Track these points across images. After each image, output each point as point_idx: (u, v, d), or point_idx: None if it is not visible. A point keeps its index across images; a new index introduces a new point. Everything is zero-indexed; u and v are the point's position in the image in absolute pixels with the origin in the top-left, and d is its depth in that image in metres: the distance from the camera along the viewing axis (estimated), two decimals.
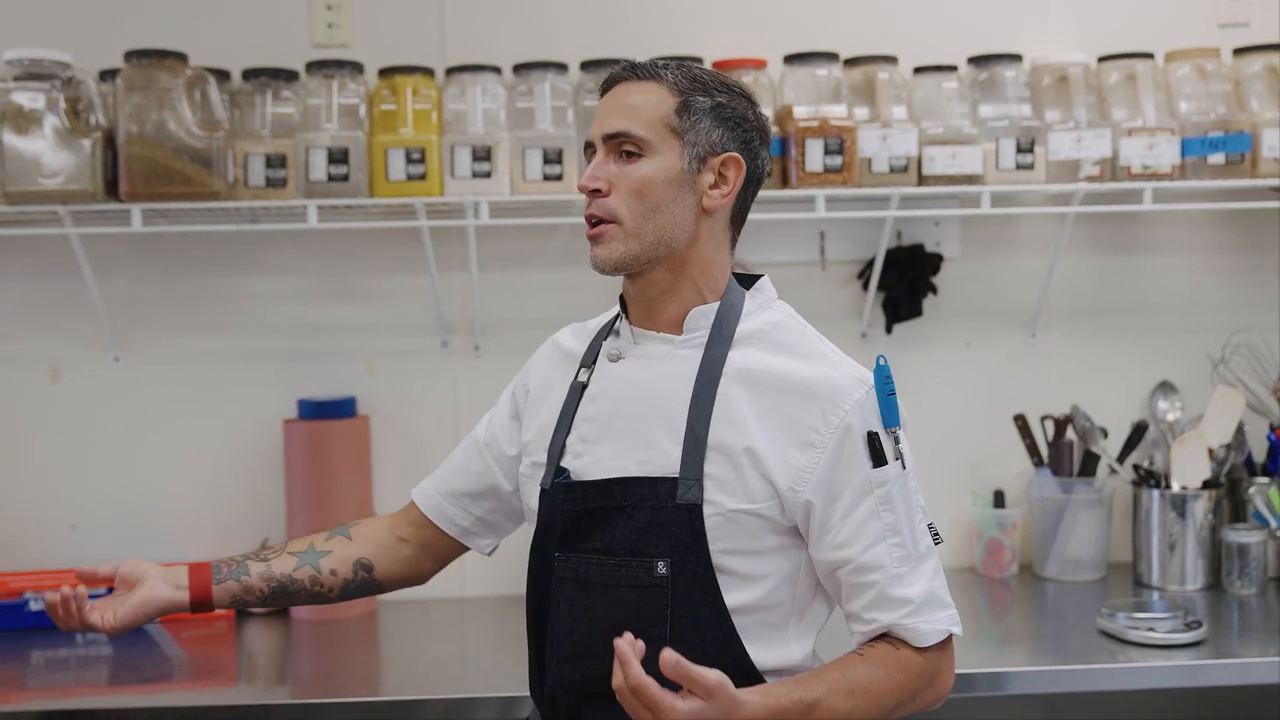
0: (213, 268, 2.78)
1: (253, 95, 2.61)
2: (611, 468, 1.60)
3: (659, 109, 1.58)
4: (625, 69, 1.63)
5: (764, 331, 1.63)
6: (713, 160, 1.60)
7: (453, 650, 2.58)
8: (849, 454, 1.55)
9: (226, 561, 1.81)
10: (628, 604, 1.53)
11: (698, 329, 1.63)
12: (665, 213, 1.59)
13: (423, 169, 2.55)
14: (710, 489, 1.55)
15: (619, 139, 1.59)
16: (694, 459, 1.55)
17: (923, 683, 1.57)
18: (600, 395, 1.66)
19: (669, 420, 1.58)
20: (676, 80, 1.60)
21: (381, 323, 2.82)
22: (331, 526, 1.95)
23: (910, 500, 1.58)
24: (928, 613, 1.56)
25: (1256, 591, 2.68)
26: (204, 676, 2.49)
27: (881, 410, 1.57)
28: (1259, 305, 2.93)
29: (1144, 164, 2.66)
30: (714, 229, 1.63)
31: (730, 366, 1.60)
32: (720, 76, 1.64)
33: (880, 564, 1.55)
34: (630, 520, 1.57)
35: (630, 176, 1.58)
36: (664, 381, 1.61)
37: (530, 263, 2.82)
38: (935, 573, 1.59)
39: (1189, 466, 2.73)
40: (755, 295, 1.68)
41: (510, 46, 2.74)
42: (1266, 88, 2.73)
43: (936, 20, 2.85)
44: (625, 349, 1.66)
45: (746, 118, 1.63)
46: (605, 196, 1.60)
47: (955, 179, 2.64)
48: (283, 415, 2.75)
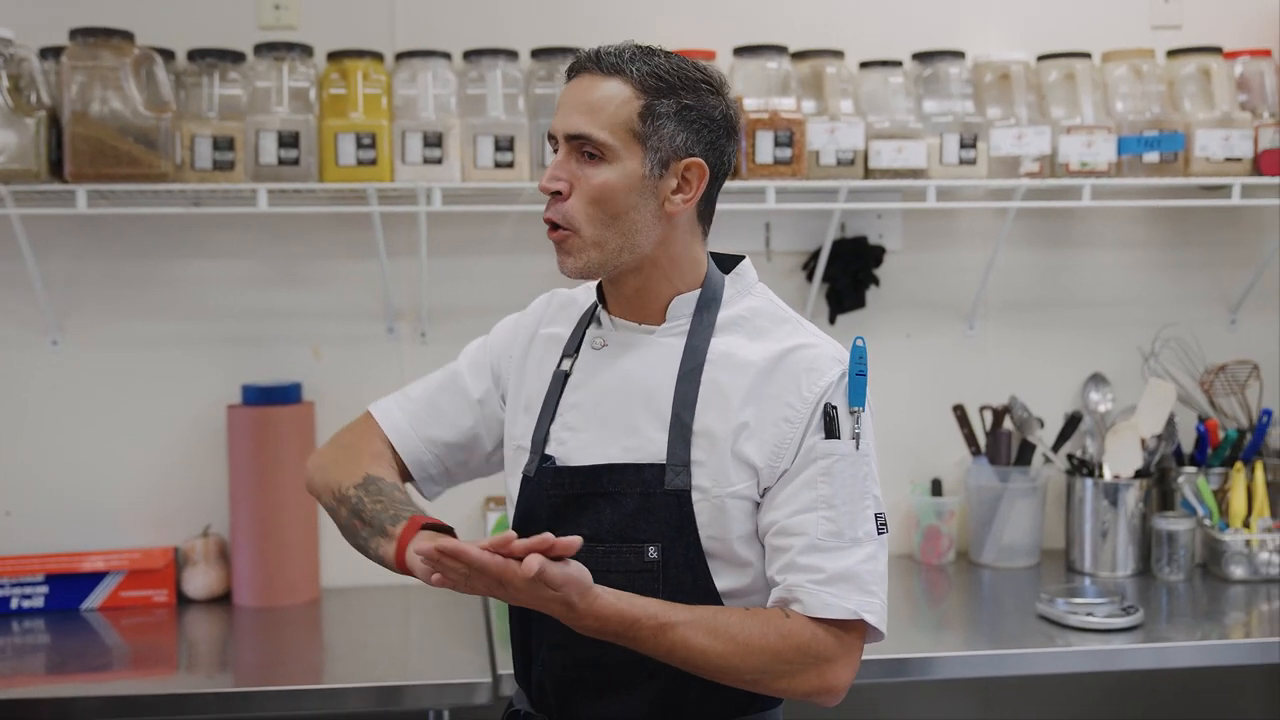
0: (156, 250, 2.74)
1: (199, 76, 2.57)
2: (597, 455, 1.60)
3: (622, 111, 1.54)
4: (589, 59, 1.57)
5: (745, 318, 1.63)
6: (675, 165, 1.56)
7: (396, 637, 2.58)
8: (816, 426, 1.55)
9: None
10: (618, 589, 1.49)
11: (679, 317, 1.62)
12: (626, 220, 1.56)
13: (373, 154, 2.53)
14: (697, 475, 1.55)
15: (580, 140, 1.55)
16: (680, 445, 1.55)
17: (803, 660, 1.50)
18: (584, 384, 1.65)
19: (654, 407, 1.58)
20: (642, 79, 1.54)
21: (327, 308, 2.80)
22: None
23: (858, 482, 1.55)
24: (838, 587, 1.51)
25: (1184, 577, 2.76)
26: (144, 665, 2.47)
27: (849, 388, 1.56)
28: (1188, 300, 3.02)
29: (1082, 161, 2.73)
30: (680, 228, 1.61)
31: (713, 353, 1.59)
32: (687, 70, 1.57)
33: (803, 530, 1.53)
34: (618, 507, 1.57)
35: (590, 182, 1.55)
36: (648, 369, 1.61)
37: (479, 250, 2.82)
38: (869, 559, 1.54)
39: (1122, 456, 2.80)
40: (735, 281, 1.67)
41: (460, 32, 2.74)
42: (1199, 89, 2.80)
43: (881, 16, 2.89)
44: (608, 337, 1.66)
45: (712, 117, 1.58)
46: (565, 199, 1.57)
47: (901, 173, 2.68)
48: (226, 401, 2.72)
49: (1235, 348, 2.99)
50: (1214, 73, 2.79)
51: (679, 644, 1.46)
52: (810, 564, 1.52)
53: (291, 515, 2.68)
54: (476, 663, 2.32)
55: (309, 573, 2.72)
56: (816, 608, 1.51)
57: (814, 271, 2.83)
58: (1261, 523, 2.74)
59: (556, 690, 1.63)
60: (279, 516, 2.67)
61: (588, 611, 1.42)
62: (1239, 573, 2.73)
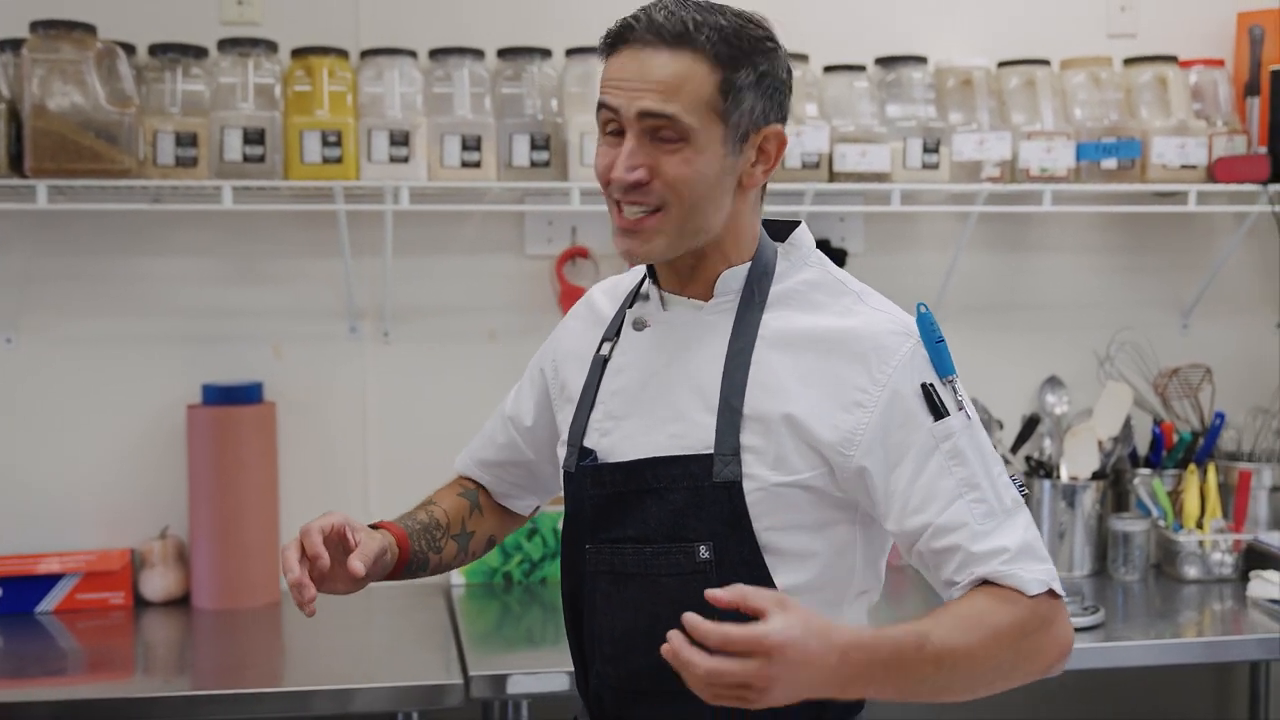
0: (116, 247, 2.69)
1: (161, 71, 2.54)
2: (642, 445, 1.48)
3: (701, 89, 1.39)
4: (649, 29, 1.40)
5: (799, 292, 1.49)
6: (754, 137, 1.44)
7: (358, 640, 2.56)
8: (903, 411, 1.41)
9: (415, 554, 1.64)
10: (669, 594, 1.40)
11: (728, 292, 1.49)
12: (708, 202, 1.44)
13: (339, 152, 2.52)
14: (750, 462, 1.43)
15: (654, 120, 1.40)
16: (729, 432, 1.43)
17: (1037, 623, 1.38)
18: (626, 367, 1.54)
19: (701, 390, 1.47)
20: (715, 50, 1.39)
21: (289, 307, 2.77)
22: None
23: (983, 451, 1.42)
24: (1025, 562, 1.39)
25: (1139, 577, 2.81)
26: (101, 669, 2.44)
27: (932, 360, 1.43)
28: (1143, 305, 3.07)
29: (1042, 167, 2.76)
30: (750, 200, 1.49)
31: (765, 330, 1.46)
32: (749, 30, 1.43)
33: (962, 522, 1.39)
34: (665, 503, 1.45)
35: (673, 169, 1.41)
36: (694, 349, 1.49)
37: (443, 249, 2.81)
38: (1028, 526, 1.43)
39: (1079, 458, 2.84)
40: (789, 252, 1.53)
41: (425, 31, 2.72)
42: (1155, 97, 2.85)
43: (845, 20, 2.91)
44: (652, 315, 1.54)
45: (783, 79, 1.45)
46: (649, 183, 1.42)
47: (865, 176, 2.70)
48: (186, 400, 2.69)
49: (1187, 351, 3.04)
50: (1170, 81, 2.84)
51: (944, 651, 1.30)
52: (989, 549, 1.39)
53: (251, 517, 2.65)
54: (443, 664, 2.31)
55: (269, 575, 2.69)
56: (1020, 585, 1.39)
57: None
58: (1214, 524, 2.79)
59: (615, 701, 1.54)
60: (239, 518, 2.64)
61: (848, 643, 1.24)
62: (1192, 573, 2.78)
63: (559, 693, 2.21)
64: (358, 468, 2.79)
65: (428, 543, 1.67)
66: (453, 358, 2.82)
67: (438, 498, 1.75)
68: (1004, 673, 1.38)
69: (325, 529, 1.49)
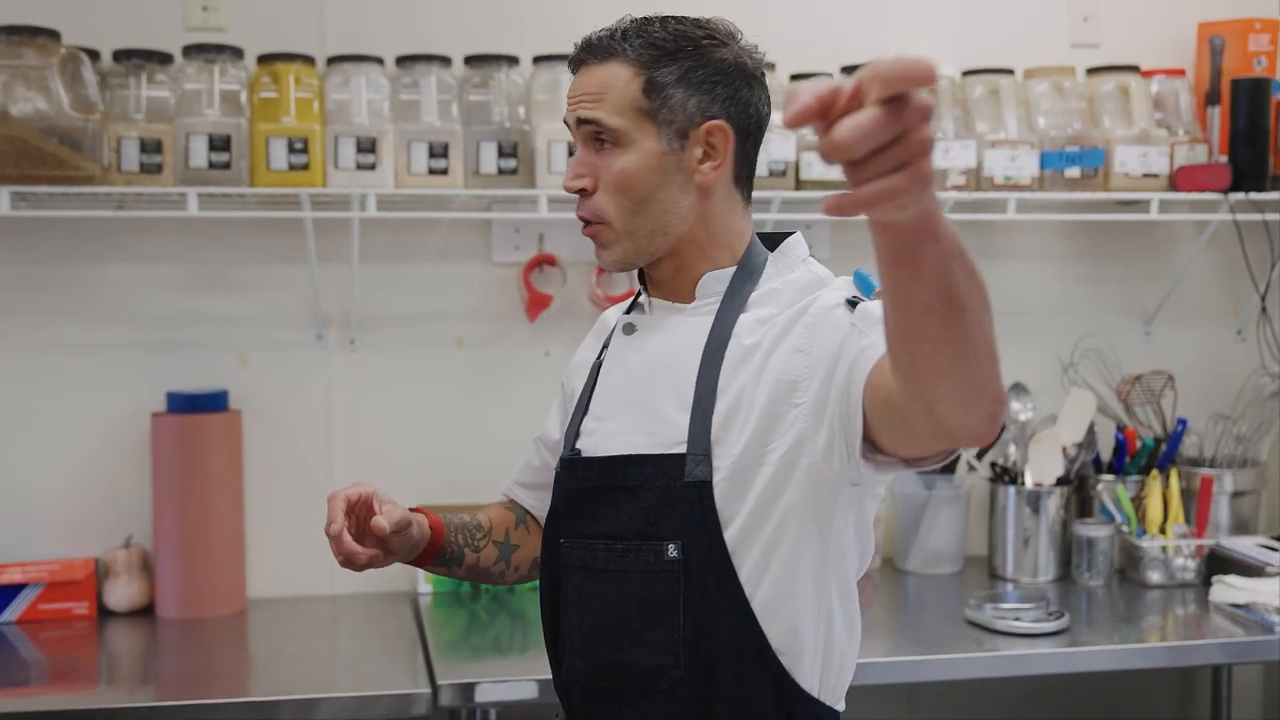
0: (79, 254, 2.67)
1: (125, 77, 2.52)
2: (621, 443, 1.52)
3: (625, 93, 1.47)
4: (582, 50, 1.51)
5: (778, 290, 1.52)
6: (696, 132, 1.48)
7: (325, 649, 2.55)
8: (832, 335, 1.40)
9: (450, 543, 1.66)
10: (637, 591, 1.43)
11: (710, 294, 1.53)
12: (654, 203, 1.49)
13: (305, 159, 2.51)
14: (719, 455, 1.45)
15: (592, 127, 1.49)
16: (701, 431, 1.46)
17: None
18: (613, 370, 1.59)
19: (677, 389, 1.50)
20: (638, 55, 1.47)
21: (255, 315, 2.75)
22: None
23: None
24: None
25: (1103, 583, 2.83)
26: (64, 679, 2.41)
27: (860, 286, 1.46)
28: (1106, 312, 3.09)
29: (1006, 175, 2.79)
30: (716, 198, 1.52)
31: (740, 327, 1.50)
32: (686, 30, 1.50)
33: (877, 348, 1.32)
34: (637, 501, 1.48)
35: (610, 170, 1.49)
36: (673, 348, 1.53)
37: (409, 257, 2.80)
38: None
39: (1043, 464, 2.86)
40: (779, 258, 1.56)
41: (391, 38, 2.71)
42: (1117, 106, 2.88)
43: (812, 29, 2.92)
44: (640, 320, 1.59)
45: (724, 70, 1.49)
46: (592, 194, 1.50)
47: (831, 184, 2.72)
48: (151, 408, 2.67)
49: (1150, 358, 3.08)
50: (1132, 91, 2.87)
51: (972, 268, 1.12)
52: None
53: (217, 525, 2.64)
54: (410, 673, 2.30)
55: (235, 584, 2.68)
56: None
57: None
58: (1177, 529, 2.82)
59: (582, 697, 1.56)
60: (204, 526, 2.62)
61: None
62: (1155, 578, 2.80)
63: (527, 700, 2.21)
64: (323, 476, 2.77)
65: (465, 538, 1.68)
66: (420, 365, 2.81)
67: (484, 508, 1.77)
68: (985, 326, 1.16)
69: (352, 498, 1.52)
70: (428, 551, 1.63)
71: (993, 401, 1.20)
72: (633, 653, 1.46)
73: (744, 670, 1.47)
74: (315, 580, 2.78)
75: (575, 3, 2.80)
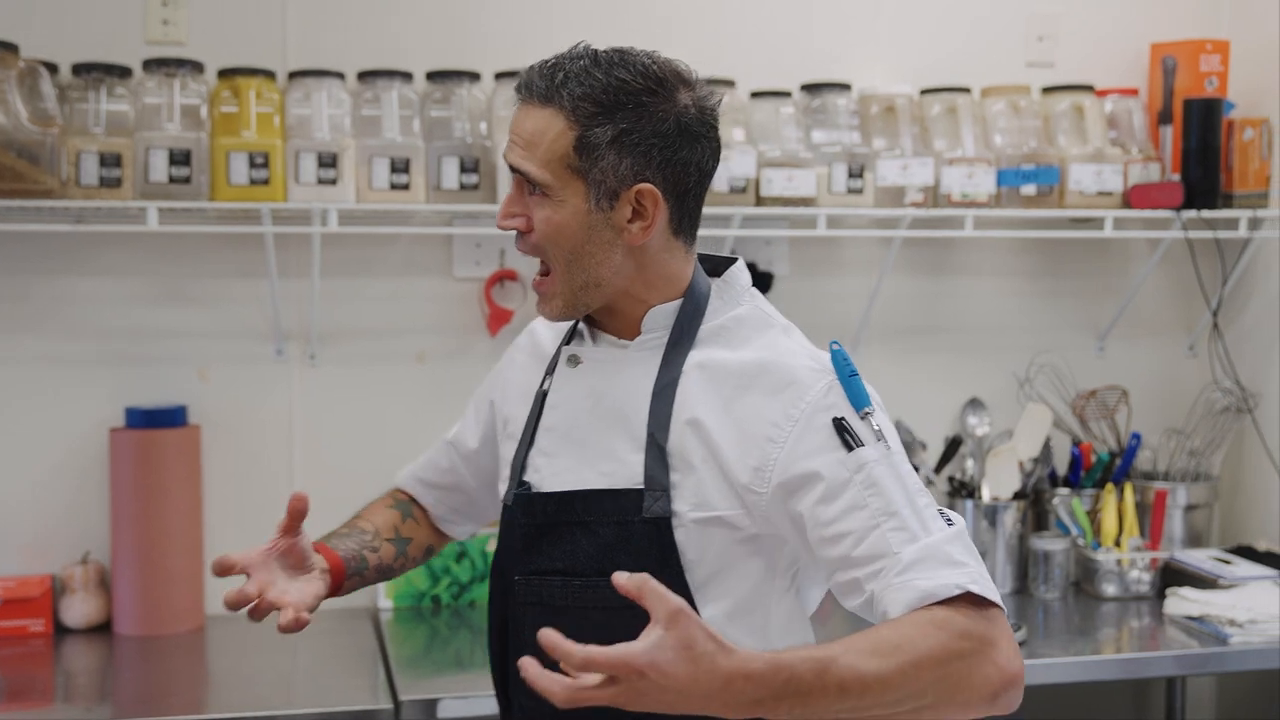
0: (37, 267, 2.65)
1: (84, 91, 2.50)
2: (573, 480, 1.50)
3: (556, 146, 1.43)
4: (523, 87, 1.46)
5: (727, 328, 1.50)
6: (626, 194, 1.44)
7: (284, 665, 2.53)
8: (814, 444, 1.39)
9: (352, 555, 1.65)
10: (596, 629, 1.31)
11: (656, 329, 1.51)
12: (585, 256, 1.46)
13: (266, 173, 2.50)
14: (676, 499, 1.45)
15: (519, 174, 1.47)
16: (657, 468, 1.45)
17: (972, 646, 1.29)
18: (560, 404, 1.55)
19: (629, 428, 1.48)
20: (574, 106, 1.42)
21: (215, 330, 2.74)
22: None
23: (903, 481, 1.38)
24: (920, 568, 1.32)
25: (1059, 595, 2.86)
26: (19, 697, 2.39)
27: (848, 394, 1.42)
28: (1061, 328, 3.13)
29: (963, 192, 2.82)
30: (651, 251, 1.48)
31: (689, 366, 1.47)
32: (629, 83, 1.42)
33: (881, 552, 1.34)
34: (594, 537, 1.46)
35: (539, 220, 1.46)
36: (622, 386, 1.50)
37: (370, 271, 2.80)
38: (948, 540, 1.35)
39: (1000, 478, 2.89)
40: (722, 290, 1.53)
41: (353, 53, 2.72)
42: (1072, 125, 2.92)
43: (771, 47, 2.95)
44: (585, 353, 1.56)
45: (661, 131, 1.43)
46: (528, 233, 1.48)
47: (791, 201, 2.74)
48: (109, 424, 2.65)
49: (1104, 374, 3.11)
50: (1086, 110, 2.91)
51: (849, 678, 1.21)
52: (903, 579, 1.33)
53: (175, 542, 2.62)
54: (370, 689, 2.29)
55: (193, 600, 2.66)
56: (907, 600, 1.30)
57: None
58: (1132, 542, 2.86)
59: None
60: (162, 543, 2.60)
61: (734, 671, 1.16)
62: (1111, 590, 2.84)
63: (489, 716, 2.19)
64: (283, 492, 2.72)
65: (361, 547, 1.68)
66: (380, 380, 2.81)
67: (366, 513, 1.76)
68: (932, 701, 1.28)
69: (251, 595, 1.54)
70: (335, 584, 1.62)
71: (976, 713, 1.29)
72: None
73: None
74: None
75: (537, 19, 2.84)
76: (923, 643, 1.26)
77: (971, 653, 1.29)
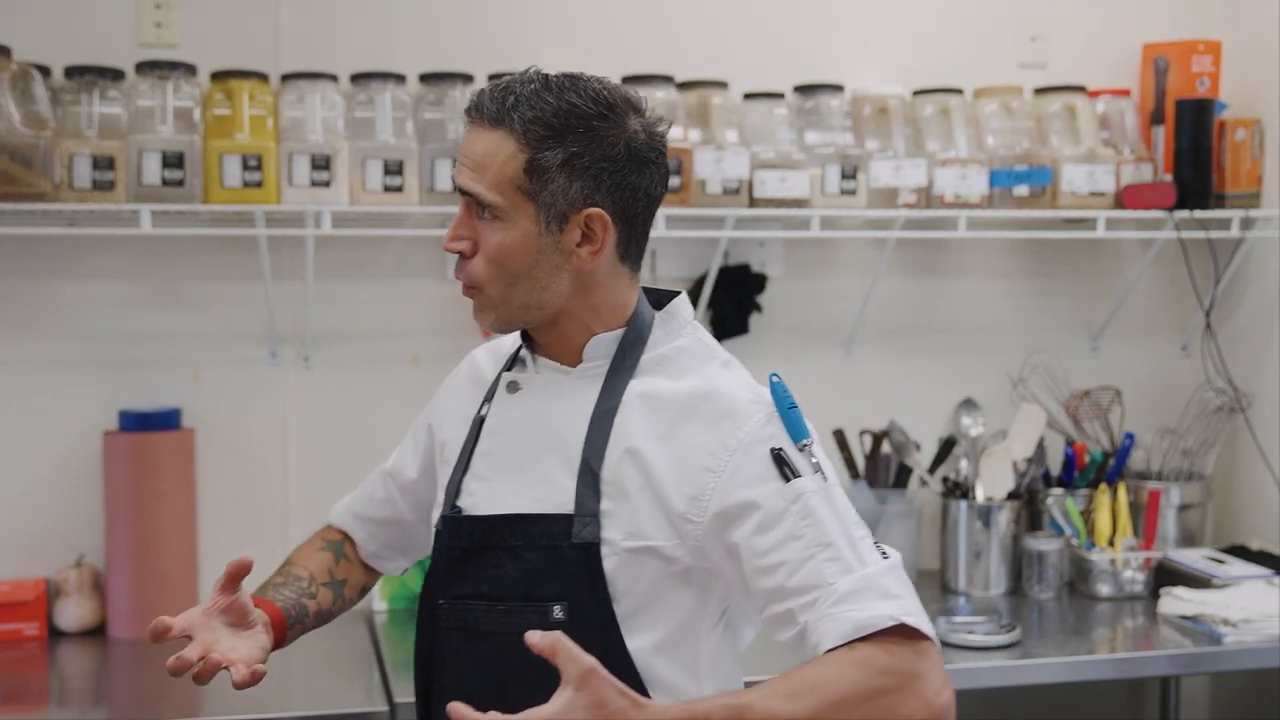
0: (31, 270, 2.64)
1: (77, 94, 2.50)
2: (505, 504, 1.50)
3: (507, 169, 1.44)
4: (473, 109, 1.47)
5: (668, 358, 1.52)
6: (575, 217, 1.45)
7: (278, 668, 2.47)
8: (752, 474, 1.41)
9: (291, 604, 1.65)
10: (521, 655, 1.29)
11: (597, 358, 1.52)
12: (530, 279, 1.47)
13: (259, 176, 2.50)
14: (607, 527, 1.45)
15: (468, 196, 1.47)
16: (589, 495, 1.45)
17: (896, 682, 1.30)
18: (496, 430, 1.56)
19: (564, 454, 1.48)
20: (525, 130, 1.43)
21: (209, 332, 2.74)
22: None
23: (841, 512, 1.40)
24: (856, 600, 1.33)
25: (1053, 595, 2.86)
26: (14, 701, 2.38)
27: (786, 426, 1.43)
28: (1054, 328, 3.14)
29: (956, 193, 2.82)
30: (597, 275, 1.49)
31: (629, 395, 1.48)
32: (580, 107, 1.44)
33: (816, 583, 1.35)
34: (520, 561, 1.46)
35: (487, 242, 1.46)
36: (561, 413, 1.51)
37: (363, 274, 2.80)
38: (883, 573, 1.37)
39: (994, 479, 2.89)
40: (665, 321, 1.55)
41: (346, 55, 2.71)
42: (1065, 125, 2.93)
43: (764, 48, 2.95)
44: (525, 379, 1.57)
45: (611, 156, 1.45)
46: (470, 258, 1.48)
47: (785, 202, 2.74)
48: (103, 427, 2.65)
49: (1097, 374, 3.12)
50: (1079, 110, 2.92)
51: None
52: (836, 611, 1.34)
53: (170, 545, 2.62)
54: (365, 691, 2.29)
55: (187, 604, 2.56)
56: (841, 631, 1.31)
57: (699, 298, 2.87)
58: (1125, 541, 2.86)
59: None
60: (156, 546, 2.60)
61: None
62: (1105, 590, 2.84)
63: None
64: (278, 494, 2.76)
65: (299, 595, 1.67)
66: (374, 383, 2.81)
67: (296, 559, 1.75)
68: None
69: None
70: (278, 637, 1.62)
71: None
72: (519, 706, 1.38)
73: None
74: None
75: (529, 21, 2.84)
76: (842, 682, 1.28)
77: (896, 689, 1.30)
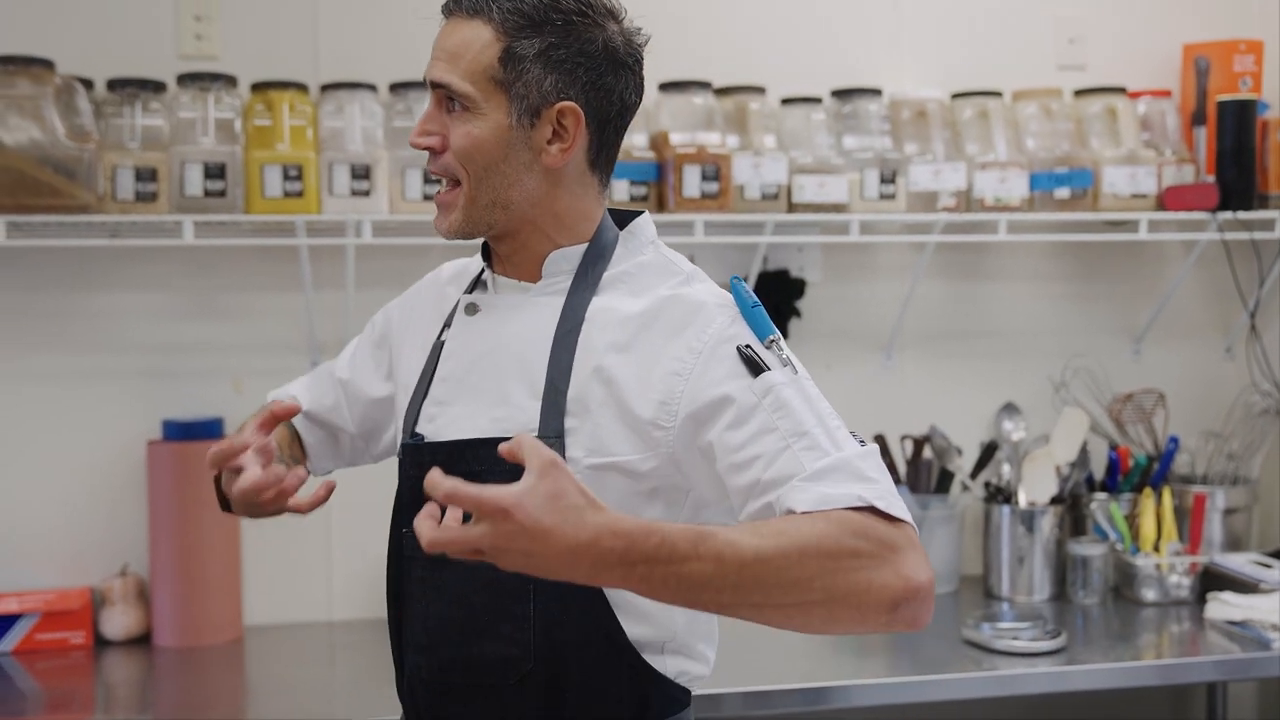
0: (73, 282, 2.67)
1: (119, 106, 2.53)
2: (466, 429, 1.46)
3: (481, 58, 1.41)
4: (451, 2, 1.46)
5: (630, 274, 1.49)
6: (548, 112, 1.42)
7: (322, 676, 2.54)
8: (720, 372, 1.37)
9: None
10: (485, 580, 1.31)
11: (558, 274, 1.49)
12: (498, 174, 1.44)
13: (300, 186, 2.51)
14: (572, 446, 1.41)
15: (441, 88, 1.44)
16: (553, 415, 1.41)
17: (871, 547, 1.24)
18: (456, 352, 1.53)
19: (527, 374, 1.45)
20: (504, 19, 1.41)
21: (250, 342, 2.75)
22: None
23: (812, 403, 1.36)
24: (830, 478, 1.29)
25: (1098, 601, 2.84)
26: (61, 709, 2.40)
27: (750, 324, 1.40)
28: (1096, 331, 3.11)
29: (996, 196, 2.81)
30: (566, 181, 1.47)
31: (593, 310, 1.45)
32: (561, 4, 1.42)
33: (792, 472, 1.30)
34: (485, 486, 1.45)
35: (457, 135, 1.44)
36: (521, 332, 1.48)
37: (402, 282, 2.76)
38: (860, 456, 1.33)
39: (1037, 483, 2.87)
40: (628, 239, 1.52)
41: (384, 64, 2.72)
42: (1105, 127, 2.91)
43: (801, 53, 2.95)
44: (484, 300, 1.54)
45: (589, 52, 1.43)
46: (442, 153, 1.46)
47: (823, 207, 2.73)
48: (147, 436, 2.67)
49: (1140, 377, 3.09)
50: (1119, 112, 2.90)
51: (727, 552, 1.19)
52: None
53: (213, 553, 2.63)
54: None
55: (231, 611, 2.67)
56: (808, 500, 1.27)
57: None
58: (1171, 546, 2.83)
59: (428, 697, 1.50)
60: (200, 554, 2.62)
61: (602, 527, 1.14)
62: (1150, 595, 2.81)
63: None
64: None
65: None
66: None
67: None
68: (821, 598, 1.23)
69: None
70: None
71: (875, 624, 1.26)
72: (480, 646, 1.40)
73: (598, 660, 1.43)
74: (312, 607, 2.78)
75: None
76: (814, 532, 1.23)
77: (868, 554, 1.25)
